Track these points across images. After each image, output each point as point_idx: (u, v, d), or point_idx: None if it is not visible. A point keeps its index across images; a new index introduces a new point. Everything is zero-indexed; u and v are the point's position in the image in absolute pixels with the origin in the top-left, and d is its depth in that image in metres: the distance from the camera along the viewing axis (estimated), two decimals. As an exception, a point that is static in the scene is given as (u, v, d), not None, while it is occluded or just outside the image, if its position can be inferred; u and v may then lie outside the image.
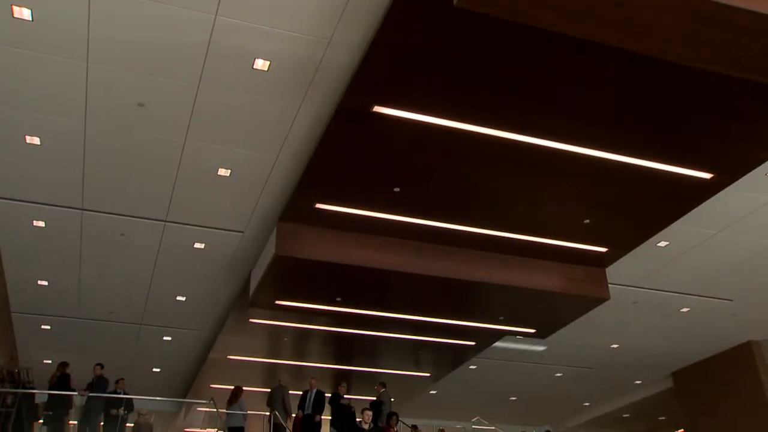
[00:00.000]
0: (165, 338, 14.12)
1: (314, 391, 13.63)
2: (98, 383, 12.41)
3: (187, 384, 17.01)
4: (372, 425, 9.49)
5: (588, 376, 16.45)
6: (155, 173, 8.42)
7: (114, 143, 7.80)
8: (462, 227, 9.26)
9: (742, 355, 14.28)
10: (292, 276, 9.93)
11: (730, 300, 12.25)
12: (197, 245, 10.26)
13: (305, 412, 13.46)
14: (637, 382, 17.04)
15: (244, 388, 14.09)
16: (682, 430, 16.67)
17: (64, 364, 12.65)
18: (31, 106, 7.17)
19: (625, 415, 19.34)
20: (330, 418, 13.84)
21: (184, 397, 17.43)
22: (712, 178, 7.94)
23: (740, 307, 12.53)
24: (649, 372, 16.22)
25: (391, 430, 10.11)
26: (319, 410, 13.40)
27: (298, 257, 9.22)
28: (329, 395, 13.85)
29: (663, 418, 19.41)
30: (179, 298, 12.17)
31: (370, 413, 9.72)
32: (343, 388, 14.08)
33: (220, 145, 7.90)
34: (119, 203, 9.10)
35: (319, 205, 8.66)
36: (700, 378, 15.29)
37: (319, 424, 13.47)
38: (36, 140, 7.72)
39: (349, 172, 7.96)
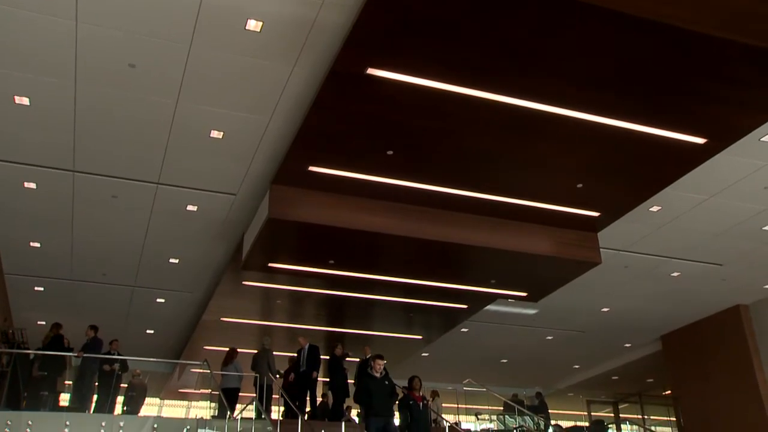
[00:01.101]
0: (158, 300, 14.17)
1: (307, 347, 13.73)
2: (93, 345, 12.50)
3: (181, 345, 17.13)
4: (384, 372, 9.28)
5: (578, 339, 16.63)
6: (147, 135, 8.36)
7: (105, 104, 7.73)
8: (455, 191, 9.26)
9: (730, 318, 14.44)
10: (284, 239, 9.94)
11: (720, 265, 12.35)
12: (190, 208, 10.24)
13: (301, 370, 13.59)
14: (627, 345, 17.25)
15: (238, 350, 14.22)
16: (670, 391, 16.92)
17: (57, 325, 12.72)
18: (20, 65, 7.07)
19: (614, 378, 19.60)
20: (327, 379, 13.98)
21: (178, 359, 17.56)
22: (705, 143, 7.93)
23: (730, 272, 12.64)
24: (638, 335, 16.41)
25: (415, 393, 9.88)
26: (315, 366, 13.51)
27: (291, 220, 9.21)
28: (326, 357, 13.98)
29: (651, 380, 19.68)
30: (172, 260, 12.19)
31: (382, 362, 9.36)
32: (339, 350, 14.21)
33: (213, 107, 7.83)
34: (111, 165, 9.04)
35: (312, 168, 8.63)
36: (689, 341, 15.48)
37: (315, 380, 13.59)
38: (25, 101, 7.64)
39: (342, 134, 7.92)
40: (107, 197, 9.87)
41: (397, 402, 9.58)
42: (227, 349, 13.75)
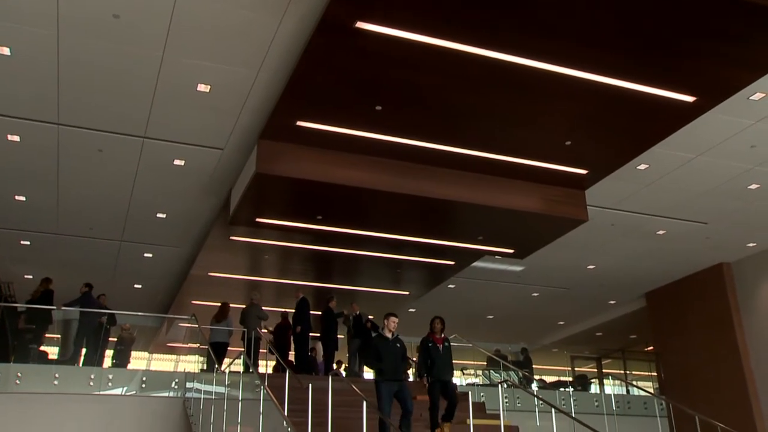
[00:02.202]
0: (146, 255, 14.16)
1: (299, 300, 13.78)
2: (84, 300, 12.58)
3: (169, 300, 17.18)
4: (396, 335, 8.74)
5: (564, 296, 16.82)
6: (132, 88, 8.24)
7: (89, 56, 7.60)
8: (444, 147, 9.24)
9: (712, 276, 14.63)
10: (272, 194, 9.92)
11: (705, 223, 12.46)
12: (177, 162, 10.17)
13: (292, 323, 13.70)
14: (611, 302, 17.46)
15: (230, 305, 14.28)
16: (652, 347, 17.20)
17: (47, 280, 12.75)
18: (0, 14, 6.92)
19: (597, 334, 19.89)
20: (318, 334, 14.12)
21: (166, 313, 17.63)
22: (695, 101, 7.93)
23: (714, 230, 12.76)
24: (623, 292, 16.61)
25: (436, 335, 9.37)
26: (300, 320, 13.57)
27: (278, 175, 9.18)
28: (319, 312, 14.07)
29: (634, 336, 19.98)
30: (159, 215, 12.14)
31: (396, 320, 8.85)
32: (333, 303, 14.30)
33: (199, 60, 7.72)
34: (96, 118, 8.93)
35: (300, 123, 8.57)
36: (672, 298, 15.69)
37: (300, 335, 13.65)
38: (6, 50, 7.49)
39: (330, 89, 7.85)
40: (93, 151, 9.78)
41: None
42: (216, 304, 13.85)
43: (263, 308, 13.76)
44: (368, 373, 15.19)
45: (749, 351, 13.80)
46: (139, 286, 16.24)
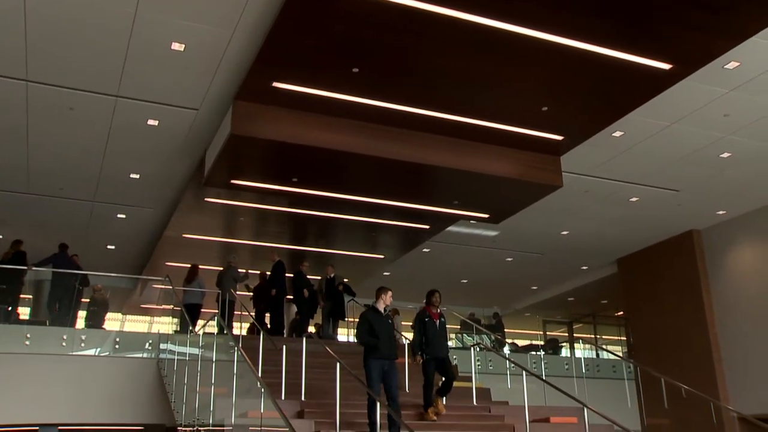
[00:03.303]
0: (119, 216, 14.01)
1: (275, 263, 13.84)
2: (58, 261, 12.49)
3: (143, 261, 17.07)
4: (392, 310, 8.62)
5: (537, 261, 16.99)
6: (104, 45, 8.07)
7: (58, 9, 7.39)
8: (421, 110, 9.22)
9: (683, 243, 14.86)
10: (247, 156, 9.85)
11: (677, 190, 12.61)
12: (150, 122, 10.02)
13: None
14: (584, 267, 17.68)
15: (200, 266, 14.27)
16: (622, 312, 17.50)
17: (18, 242, 12.59)
18: (-32, -34, 6.71)
19: (569, 299, 20.17)
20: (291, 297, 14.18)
21: (140, 274, 17.53)
22: (671, 68, 7.98)
23: (685, 198, 12.92)
24: (595, 258, 16.82)
25: (432, 309, 9.05)
26: (275, 283, 13.64)
27: (254, 137, 9.11)
28: (291, 275, 14.10)
29: (605, 301, 20.29)
30: (133, 175, 11.99)
31: (389, 292, 8.53)
32: (305, 267, 14.35)
33: (174, 18, 7.57)
34: (67, 76, 8.75)
35: (276, 84, 8.48)
36: (643, 264, 15.93)
37: (275, 297, 13.72)
38: (-26, 4, 7.29)
39: (307, 50, 7.76)
40: (64, 109, 9.59)
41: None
42: (189, 265, 13.81)
43: (240, 270, 13.78)
44: (342, 336, 15.37)
45: (715, 316, 14.11)
46: (112, 247, 16.10)
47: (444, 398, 9.00)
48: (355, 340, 8.32)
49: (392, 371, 8.09)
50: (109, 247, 16.01)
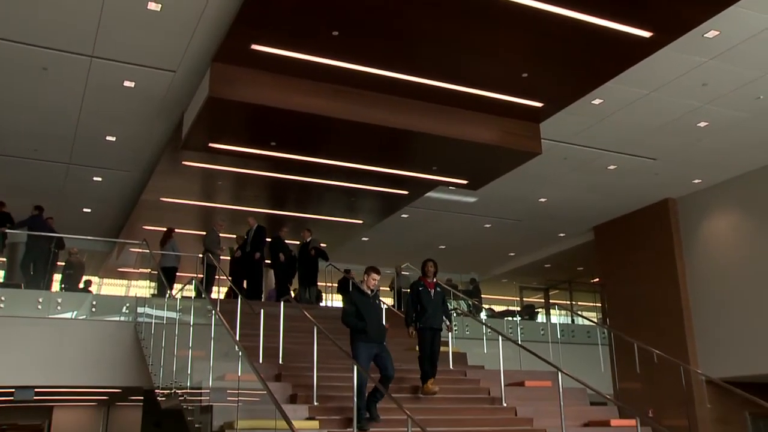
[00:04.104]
0: (95, 179, 13.85)
1: (254, 228, 13.83)
2: (33, 223, 12.37)
3: (120, 225, 16.93)
4: (375, 291, 7.97)
5: (515, 228, 17.10)
6: (79, 3, 7.88)
7: (31, -33, 7.22)
8: (400, 75, 9.18)
9: (658, 211, 15.01)
10: (225, 119, 9.76)
11: (654, 159, 12.70)
12: (127, 84, 9.86)
13: (247, 250, 13.74)
14: (561, 234, 17.82)
15: (177, 230, 14.23)
16: (598, 279, 17.72)
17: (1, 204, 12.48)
18: None
19: (546, 265, 20.36)
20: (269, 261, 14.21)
21: (116, 238, 17.40)
22: (651, 36, 7.99)
23: (662, 166, 13.02)
24: (572, 225, 16.95)
25: (427, 279, 8.84)
26: (259, 247, 13.66)
27: (232, 100, 9.02)
28: (269, 240, 14.11)
29: (581, 268, 20.51)
30: (109, 138, 11.82)
31: (377, 277, 8.07)
32: (284, 232, 14.34)
33: (149, -24, 7.42)
34: (40, 33, 8.55)
35: (255, 47, 8.38)
36: (619, 232, 16.10)
37: (258, 263, 13.76)
38: (-57, -41, 7.08)
39: (286, 12, 7.67)
40: (37, 69, 9.40)
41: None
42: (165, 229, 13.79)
43: (221, 235, 13.78)
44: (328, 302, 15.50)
45: (688, 283, 14.34)
46: (89, 210, 15.94)
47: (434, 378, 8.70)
48: (341, 316, 8.03)
49: (384, 353, 7.80)
50: (85, 210, 15.85)
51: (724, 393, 11.82)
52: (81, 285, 14.26)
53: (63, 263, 13.95)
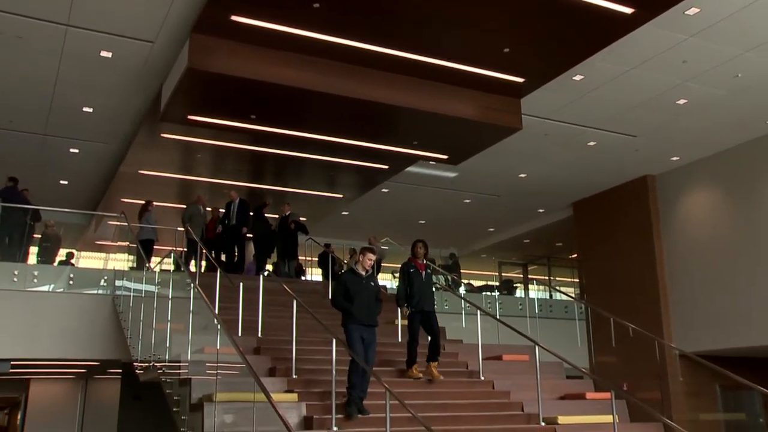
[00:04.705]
0: (72, 150, 13.66)
1: (237, 201, 13.78)
2: (7, 195, 12.21)
3: (97, 197, 16.76)
4: (371, 270, 7.82)
5: (494, 203, 17.15)
6: (54, -30, 7.74)
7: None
8: (381, 49, 9.11)
9: (637, 188, 15.12)
10: (205, 91, 9.65)
11: (634, 136, 12.77)
12: (104, 54, 9.70)
13: (230, 224, 13.69)
14: (540, 210, 17.92)
15: (156, 203, 14.13)
16: (576, 255, 17.87)
17: None
18: None
19: (525, 241, 20.48)
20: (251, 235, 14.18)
21: (94, 210, 17.23)
22: (633, 12, 7.98)
23: (642, 143, 13.10)
24: (551, 201, 17.03)
25: (418, 260, 8.66)
26: (245, 221, 13.64)
27: (211, 71, 8.91)
28: (252, 213, 14.06)
29: (560, 244, 20.66)
30: (86, 109, 11.65)
31: (372, 257, 7.90)
32: (268, 206, 14.29)
33: (126, -57, 7.26)
34: (14, 1, 8.37)
35: (234, 18, 8.27)
36: (597, 208, 16.20)
37: (245, 235, 13.75)
38: None
39: (266, -18, 7.55)
40: (10, 37, 9.20)
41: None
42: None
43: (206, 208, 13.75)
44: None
45: (665, 259, 14.50)
46: (65, 182, 15.75)
47: (437, 362, 8.56)
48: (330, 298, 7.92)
49: (370, 340, 7.64)
50: (62, 182, 15.66)
51: (696, 367, 12.07)
52: (63, 257, 14.14)
53: (39, 236, 13.81)
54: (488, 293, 17.16)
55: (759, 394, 12.02)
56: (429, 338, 8.60)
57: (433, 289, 8.87)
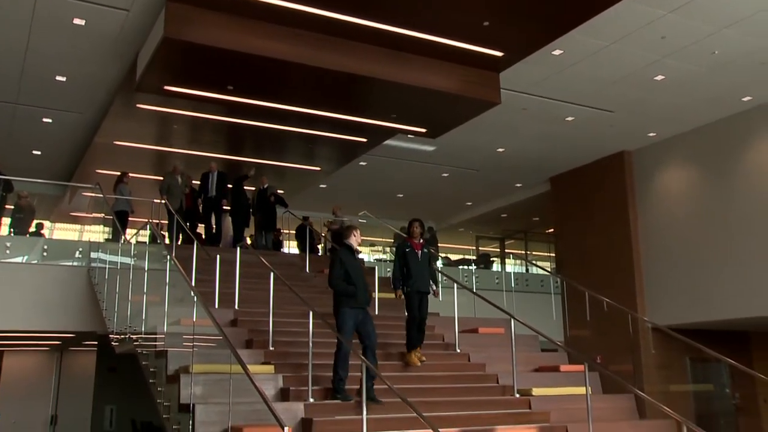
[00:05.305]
0: (45, 120, 13.43)
1: (216, 173, 13.67)
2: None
3: (72, 168, 16.54)
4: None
5: (473, 177, 17.19)
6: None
7: None
8: (361, 20, 9.02)
9: (613, 163, 15.23)
10: (181, 61, 9.51)
11: (612, 111, 12.82)
12: (77, 21, 9.50)
13: (208, 195, 13.60)
14: (518, 185, 17.99)
15: (133, 174, 13.99)
16: (553, 230, 18.01)
17: None
18: None
19: (503, 215, 20.58)
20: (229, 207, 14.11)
21: (68, 181, 17.00)
22: (612, -14, 7.96)
23: (619, 119, 13.17)
24: (529, 176, 17.11)
25: (414, 240, 8.53)
26: (225, 193, 13.56)
27: (187, 41, 8.78)
28: (230, 186, 13.97)
29: (537, 218, 20.78)
30: (59, 78, 11.43)
31: (358, 232, 7.80)
32: (249, 179, 14.20)
33: None
34: (-16, -34, 8.19)
35: (211, -14, 8.13)
36: (574, 183, 16.31)
37: (220, 209, 13.67)
38: None
39: (244, -50, 7.43)
40: (-20, 4, 9.00)
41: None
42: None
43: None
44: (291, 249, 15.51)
45: (640, 234, 14.66)
46: (38, 153, 15.50)
47: (419, 347, 8.53)
48: (328, 281, 7.58)
49: (368, 319, 7.47)
50: (34, 152, 15.41)
51: (668, 340, 12.28)
52: (32, 229, 13.97)
53: (12, 207, 13.61)
54: (465, 267, 17.28)
55: (726, 365, 12.36)
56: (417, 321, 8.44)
57: (429, 270, 8.69)
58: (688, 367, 14.36)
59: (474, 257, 20.81)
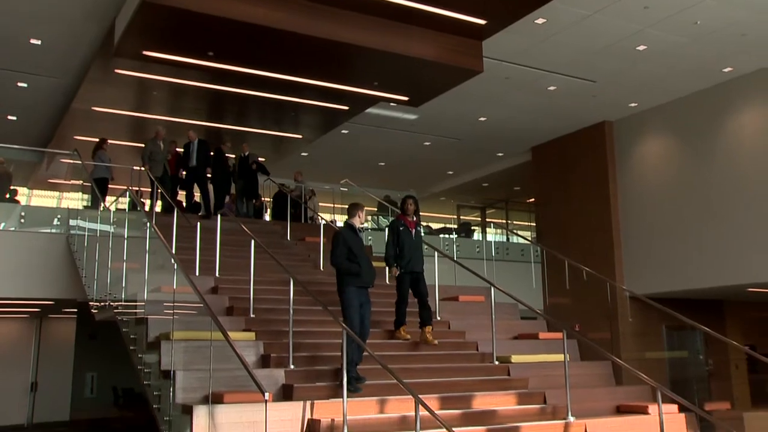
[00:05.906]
0: (20, 84, 13.18)
1: (196, 142, 13.51)
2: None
3: (49, 134, 16.30)
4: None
5: (454, 146, 17.18)
6: None
7: None
8: (343, -14, 8.91)
9: (594, 134, 15.28)
10: (160, 25, 9.35)
11: (594, 81, 12.83)
12: (52, -18, 9.31)
13: (190, 165, 13.45)
14: (499, 154, 18.01)
15: (112, 141, 13.81)
16: (533, 199, 18.09)
17: None
18: None
19: (484, 185, 20.62)
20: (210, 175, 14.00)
21: (45, 148, 16.77)
22: (596, -45, 7.92)
23: (601, 89, 13.18)
24: (511, 145, 17.13)
25: (408, 218, 8.28)
26: (207, 162, 13.41)
27: (167, 5, 8.62)
28: (212, 153, 13.83)
29: (518, 188, 20.85)
30: (34, 41, 11.21)
31: (363, 213, 7.64)
32: (226, 147, 14.07)
33: None
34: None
35: (190, -52, 7.97)
36: (556, 153, 16.37)
37: (206, 176, 13.54)
38: None
39: None
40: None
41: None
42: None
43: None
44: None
45: (620, 204, 14.79)
46: (14, 118, 15.25)
47: (430, 325, 8.28)
48: (330, 260, 7.40)
49: (367, 306, 7.28)
50: (9, 117, 15.15)
51: (645, 308, 12.49)
52: (7, 195, 13.78)
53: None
54: (446, 236, 17.33)
55: (700, 333, 12.59)
56: (417, 301, 8.29)
57: (423, 248, 8.50)
58: (664, 335, 14.63)
59: (455, 226, 20.87)
